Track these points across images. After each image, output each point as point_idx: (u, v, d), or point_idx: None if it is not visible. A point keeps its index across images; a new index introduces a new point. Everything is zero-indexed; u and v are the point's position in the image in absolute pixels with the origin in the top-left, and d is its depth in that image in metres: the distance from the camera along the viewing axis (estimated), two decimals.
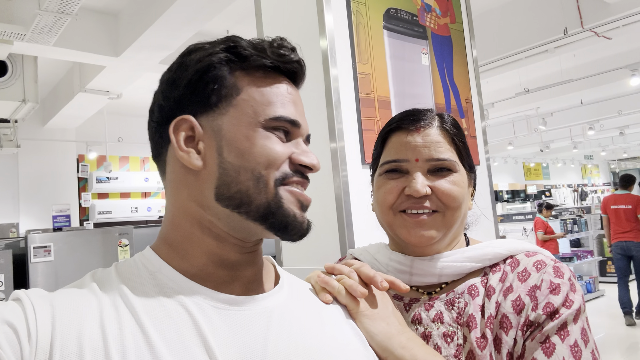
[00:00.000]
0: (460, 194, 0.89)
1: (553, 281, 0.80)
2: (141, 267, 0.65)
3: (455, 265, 0.88)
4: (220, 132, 0.65)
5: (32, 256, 4.15)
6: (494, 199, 2.28)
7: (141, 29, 4.47)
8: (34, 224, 7.37)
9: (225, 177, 0.64)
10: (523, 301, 0.80)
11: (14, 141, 6.36)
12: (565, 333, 0.76)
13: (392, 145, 0.93)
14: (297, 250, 1.82)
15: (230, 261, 0.67)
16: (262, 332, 0.63)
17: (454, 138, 0.92)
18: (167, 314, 0.59)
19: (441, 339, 0.84)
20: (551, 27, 5.09)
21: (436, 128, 0.91)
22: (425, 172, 0.89)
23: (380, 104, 1.82)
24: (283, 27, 1.96)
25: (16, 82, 4.72)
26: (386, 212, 0.91)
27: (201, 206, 0.66)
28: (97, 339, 0.55)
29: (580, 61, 7.34)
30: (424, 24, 2.08)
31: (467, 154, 0.94)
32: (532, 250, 0.89)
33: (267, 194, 0.64)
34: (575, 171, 20.43)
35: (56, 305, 0.57)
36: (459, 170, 0.90)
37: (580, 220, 8.82)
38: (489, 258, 0.89)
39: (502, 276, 0.86)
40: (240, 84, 0.66)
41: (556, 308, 0.77)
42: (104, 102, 6.60)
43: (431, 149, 0.89)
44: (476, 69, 2.33)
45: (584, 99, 9.23)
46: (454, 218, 0.89)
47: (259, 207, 0.64)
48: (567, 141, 13.15)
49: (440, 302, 0.88)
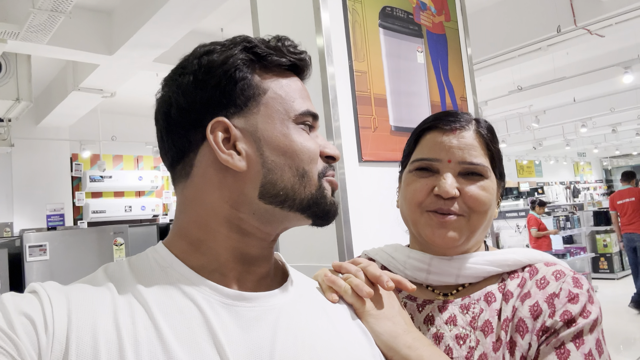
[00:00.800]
0: (488, 200, 0.88)
1: (572, 291, 0.80)
2: (153, 262, 0.66)
3: (475, 267, 0.88)
4: (256, 132, 0.66)
5: (28, 255, 4.14)
6: None
7: (135, 27, 4.45)
8: (28, 224, 7.33)
9: (271, 175, 0.65)
10: (541, 307, 0.80)
11: (8, 140, 6.32)
12: (581, 342, 0.76)
13: (425, 144, 0.92)
14: (295, 248, 1.83)
15: (251, 256, 0.69)
16: (270, 329, 0.63)
17: (489, 144, 0.91)
18: (178, 309, 0.60)
19: (453, 340, 0.84)
20: (544, 25, 5.12)
21: (472, 132, 0.91)
22: (456, 174, 0.88)
23: (377, 102, 1.83)
24: (279, 25, 1.97)
25: (10, 81, 4.69)
26: (413, 209, 0.91)
27: (234, 206, 0.66)
28: (111, 332, 0.55)
29: (574, 59, 7.38)
30: (419, 22, 2.09)
31: (499, 161, 0.93)
32: (551, 260, 0.90)
33: (311, 187, 0.68)
34: (567, 168, 20.54)
35: (72, 299, 0.57)
36: (489, 176, 0.90)
37: (573, 217, 8.88)
38: (509, 264, 0.88)
39: (520, 282, 0.86)
40: (265, 83, 0.68)
41: (573, 317, 0.77)
42: (97, 100, 6.57)
43: (465, 151, 0.88)
44: (471, 67, 2.35)
45: (577, 96, 9.29)
46: (479, 223, 0.88)
47: (303, 200, 0.67)
48: (560, 138, 13.22)
49: (454, 306, 0.88)
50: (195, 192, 0.68)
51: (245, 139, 0.66)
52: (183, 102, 0.66)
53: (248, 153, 0.66)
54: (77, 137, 7.99)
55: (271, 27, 1.99)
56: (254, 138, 0.66)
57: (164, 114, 0.68)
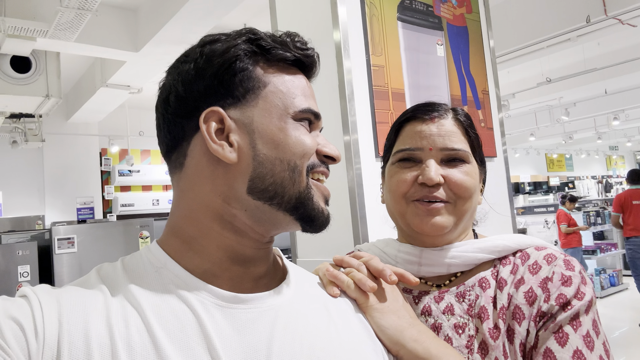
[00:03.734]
0: (472, 185, 0.90)
1: (564, 273, 0.81)
2: (147, 263, 0.65)
3: (465, 255, 0.89)
4: (251, 125, 0.65)
5: (57, 248, 4.26)
6: (511, 192, 2.26)
7: (160, 24, 4.51)
8: (59, 216, 7.54)
9: (261, 169, 0.64)
10: (535, 293, 0.81)
11: (39, 135, 6.51)
12: (578, 323, 0.76)
13: (406, 134, 0.94)
14: (311, 243, 1.84)
15: (246, 256, 0.67)
16: (267, 331, 0.62)
17: (467, 129, 0.93)
18: (172, 312, 0.59)
19: (452, 330, 0.84)
20: (573, 15, 4.97)
21: (450, 119, 0.92)
22: (438, 161, 0.89)
23: (395, 97, 1.82)
24: (297, 19, 1.96)
25: (40, 78, 4.82)
26: (399, 201, 0.92)
27: (226, 200, 0.65)
28: (104, 336, 0.54)
29: (605, 49, 7.16)
30: (439, 15, 2.06)
31: (479, 148, 0.95)
32: (541, 244, 0.90)
33: (300, 184, 0.66)
34: (599, 162, 20.01)
35: (63, 302, 0.56)
36: (471, 161, 0.91)
37: (604, 212, 8.66)
38: (499, 250, 0.89)
39: (512, 268, 0.87)
40: (266, 76, 0.66)
41: (568, 299, 0.78)
42: (125, 96, 6.68)
43: (445, 138, 0.90)
44: (493, 60, 2.30)
45: (608, 88, 9.01)
46: (465, 208, 0.89)
47: (291, 198, 0.66)
48: (591, 132, 12.88)
49: (450, 295, 0.88)
50: (188, 184, 0.67)
51: (240, 131, 0.65)
52: (181, 90, 0.66)
53: (240, 145, 0.64)
54: (106, 132, 8.16)
55: (289, 21, 1.99)
56: (248, 131, 0.65)
57: (163, 101, 0.68)
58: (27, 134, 6.48)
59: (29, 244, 4.08)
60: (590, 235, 8.58)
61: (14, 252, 3.98)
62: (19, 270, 3.97)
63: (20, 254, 3.99)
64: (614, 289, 7.84)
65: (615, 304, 7.09)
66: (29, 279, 4.01)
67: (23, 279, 3.98)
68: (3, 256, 3.94)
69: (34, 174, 7.75)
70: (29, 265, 4.00)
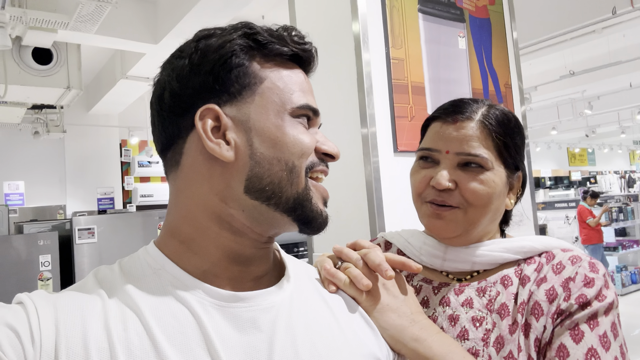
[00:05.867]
0: (487, 193, 0.86)
1: (588, 275, 0.80)
2: (145, 265, 0.64)
3: (492, 255, 0.89)
4: (248, 122, 0.63)
5: (77, 238, 4.32)
6: (533, 189, 2.21)
7: (179, 16, 4.52)
8: (80, 206, 7.66)
9: (258, 168, 0.62)
10: (556, 291, 0.80)
11: (60, 126, 6.61)
12: (595, 323, 0.76)
13: (429, 133, 0.94)
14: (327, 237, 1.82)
15: (245, 256, 0.66)
16: (268, 329, 0.61)
17: (494, 134, 0.88)
18: (171, 313, 0.58)
19: (469, 322, 0.84)
20: (599, 6, 4.84)
21: (475, 122, 0.88)
22: (454, 165, 0.87)
23: (414, 90, 1.79)
24: (315, 10, 1.94)
25: (61, 70, 4.87)
26: (416, 199, 0.94)
27: (224, 199, 0.63)
28: (102, 340, 0.54)
29: (630, 42, 6.98)
30: (461, 6, 2.01)
31: (508, 153, 0.89)
32: (567, 247, 0.89)
33: (298, 184, 0.64)
34: (623, 157, 19.61)
35: (60, 307, 0.56)
36: (492, 168, 0.87)
37: (627, 208, 8.49)
38: (525, 251, 0.88)
39: (537, 267, 0.86)
40: (263, 72, 0.64)
41: (589, 300, 0.77)
42: (144, 88, 6.73)
43: (463, 142, 0.87)
44: (516, 52, 2.25)
45: (633, 81, 8.79)
46: (478, 216, 0.87)
47: (289, 199, 0.64)
48: (615, 126, 12.62)
49: (471, 289, 0.88)
50: (185, 183, 0.65)
51: (236, 129, 0.63)
52: (176, 86, 0.64)
53: (237, 143, 0.63)
54: (126, 123, 8.25)
55: (308, 12, 1.97)
56: (245, 128, 0.63)
57: (158, 98, 0.66)
58: (48, 124, 6.57)
59: (50, 233, 4.14)
60: (612, 232, 8.42)
61: (36, 241, 4.04)
62: (40, 259, 4.04)
63: (41, 243, 4.05)
64: (635, 286, 7.70)
65: (636, 302, 6.97)
66: (50, 269, 4.08)
67: (44, 268, 4.05)
68: (25, 246, 4.02)
69: (56, 165, 7.88)
70: (50, 255, 4.07)
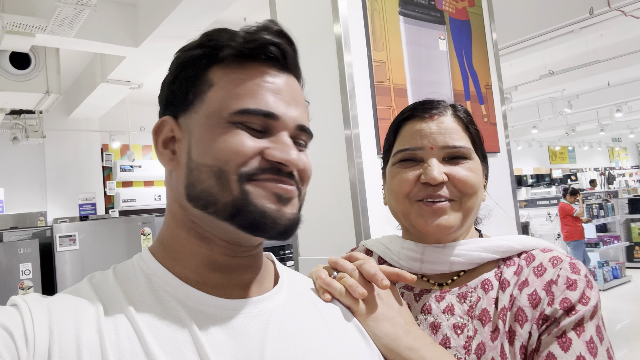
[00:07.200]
0: (477, 181, 0.88)
1: (570, 277, 0.79)
2: (138, 270, 0.65)
3: (469, 254, 0.88)
4: (191, 131, 0.64)
5: (58, 245, 4.25)
6: (514, 187, 2.24)
7: (159, 19, 4.49)
8: (62, 213, 7.55)
9: (191, 176, 0.63)
10: (539, 295, 0.80)
11: (40, 132, 6.50)
12: (582, 329, 0.75)
13: (405, 134, 0.92)
14: (313, 240, 1.82)
15: (222, 264, 0.65)
16: (259, 336, 0.61)
17: (468, 126, 0.91)
18: (162, 318, 0.59)
19: (451, 329, 0.84)
20: (576, 7, 4.92)
21: (450, 115, 0.91)
22: (440, 159, 0.88)
23: (396, 92, 1.79)
24: (297, 12, 1.94)
25: (39, 74, 4.80)
26: (402, 201, 0.90)
27: (182, 207, 0.66)
28: (94, 344, 0.54)
29: (608, 41, 7.12)
30: (442, 9, 2.03)
31: (480, 143, 0.93)
32: (547, 246, 0.89)
33: (231, 191, 0.61)
34: (602, 154, 19.97)
35: (53, 310, 0.56)
36: (473, 158, 0.90)
37: (607, 204, 8.64)
38: (503, 250, 0.88)
39: (517, 270, 0.85)
40: (213, 79, 0.64)
41: (573, 304, 0.77)
42: (125, 92, 6.67)
43: (446, 136, 0.88)
44: (496, 53, 2.28)
45: (611, 80, 8.98)
46: (470, 205, 0.88)
47: (226, 206, 0.61)
48: (594, 124, 12.84)
49: (452, 295, 0.87)
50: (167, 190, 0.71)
51: (184, 138, 0.65)
52: (160, 98, 0.70)
53: (179, 152, 0.66)
54: (107, 128, 8.16)
55: (289, 14, 1.97)
56: (188, 137, 0.65)
57: None
58: (27, 130, 6.47)
59: (31, 241, 4.07)
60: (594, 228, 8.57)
61: (16, 249, 3.97)
62: (20, 268, 3.96)
63: (22, 251, 3.98)
64: (617, 281, 7.84)
65: (617, 297, 7.09)
66: (31, 277, 4.00)
67: (25, 277, 3.97)
68: (5, 254, 3.93)
69: (36, 170, 7.75)
70: (30, 263, 4.00)
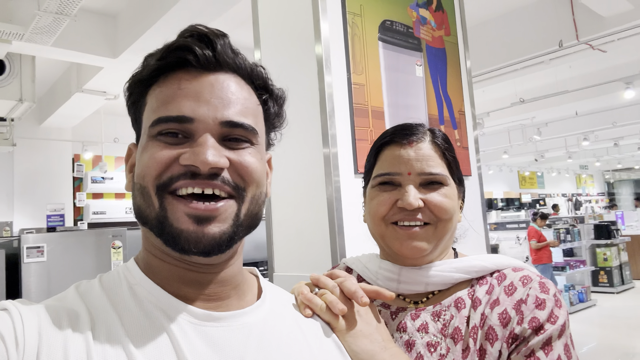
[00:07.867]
0: (452, 207, 0.92)
1: (539, 296, 0.82)
2: (123, 280, 0.66)
3: (443, 275, 0.91)
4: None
5: (25, 256, 4.13)
6: (485, 210, 2.30)
7: (140, 32, 4.48)
8: (28, 223, 7.34)
9: (133, 197, 0.66)
10: (509, 314, 0.82)
11: (10, 139, 6.34)
12: (549, 348, 0.78)
13: (385, 159, 0.95)
14: (288, 257, 1.84)
15: (192, 279, 0.65)
16: (240, 349, 0.62)
17: (445, 152, 0.95)
18: (145, 328, 0.60)
19: (424, 347, 0.86)
20: (547, 39, 5.13)
21: (428, 142, 0.94)
22: (417, 185, 0.91)
23: (374, 114, 1.84)
24: (280, 31, 1.98)
25: (13, 81, 4.72)
26: (378, 223, 0.93)
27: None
28: (81, 350, 0.55)
29: (576, 73, 7.39)
30: (419, 37, 2.10)
31: (457, 168, 0.97)
32: (518, 266, 0.92)
33: (154, 206, 0.62)
34: (570, 181, 20.51)
35: (43, 317, 0.57)
36: (449, 183, 0.93)
37: (574, 230, 8.86)
38: (476, 270, 0.91)
39: (488, 289, 0.88)
40: (147, 99, 0.66)
41: (541, 323, 0.79)
42: (100, 102, 6.58)
43: (423, 162, 0.91)
44: (470, 81, 2.36)
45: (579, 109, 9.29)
46: (445, 230, 0.92)
47: (153, 222, 0.62)
48: (562, 151, 13.21)
49: (426, 313, 0.90)
50: None
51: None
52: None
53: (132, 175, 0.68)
54: (79, 138, 8.01)
55: (272, 33, 2.01)
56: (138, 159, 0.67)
57: None
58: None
59: None
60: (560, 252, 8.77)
61: None
62: None
63: None
64: (583, 304, 8.00)
65: (583, 320, 7.24)
66: None
67: None
68: None
69: (3, 179, 7.54)
70: None
